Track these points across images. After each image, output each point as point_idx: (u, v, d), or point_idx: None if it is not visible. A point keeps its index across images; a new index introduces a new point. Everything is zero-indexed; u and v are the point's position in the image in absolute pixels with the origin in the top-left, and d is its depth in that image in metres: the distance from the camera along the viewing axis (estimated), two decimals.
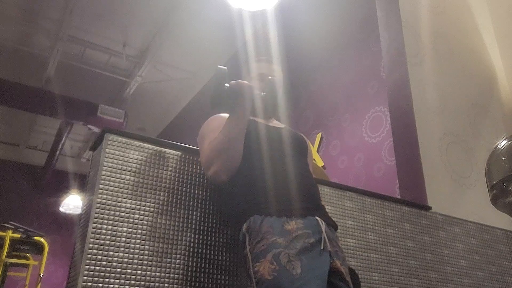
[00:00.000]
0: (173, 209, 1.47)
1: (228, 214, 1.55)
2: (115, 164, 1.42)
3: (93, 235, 1.30)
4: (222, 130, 1.41)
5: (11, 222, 4.37)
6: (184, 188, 1.52)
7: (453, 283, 2.10)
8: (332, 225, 1.40)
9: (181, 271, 1.41)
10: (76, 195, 6.93)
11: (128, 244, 1.35)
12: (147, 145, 1.50)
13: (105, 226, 1.33)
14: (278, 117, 1.76)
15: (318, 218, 1.33)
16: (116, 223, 1.35)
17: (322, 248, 1.25)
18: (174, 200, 1.49)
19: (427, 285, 2.00)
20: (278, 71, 1.69)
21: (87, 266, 1.26)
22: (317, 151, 3.80)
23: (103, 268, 1.29)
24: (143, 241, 1.38)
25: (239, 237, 1.34)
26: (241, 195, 1.39)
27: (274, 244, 1.22)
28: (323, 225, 1.31)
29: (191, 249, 1.45)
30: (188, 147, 1.58)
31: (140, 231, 1.38)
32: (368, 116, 3.38)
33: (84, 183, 1.51)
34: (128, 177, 1.43)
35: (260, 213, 1.30)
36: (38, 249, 4.62)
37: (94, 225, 1.31)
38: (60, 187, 7.31)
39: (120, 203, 1.38)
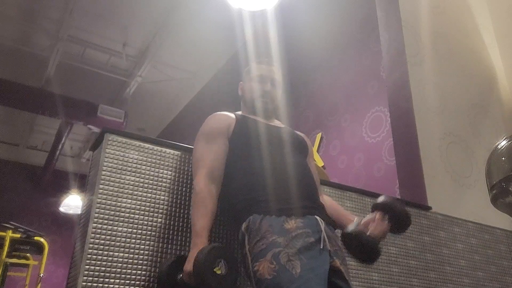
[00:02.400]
0: (173, 209, 1.47)
1: (227, 213, 1.55)
2: (115, 164, 1.42)
3: (93, 235, 1.30)
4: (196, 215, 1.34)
5: (11, 222, 4.37)
6: (184, 188, 1.52)
7: (453, 283, 2.10)
8: (332, 224, 1.40)
9: None
10: (76, 195, 6.93)
11: (128, 244, 1.35)
12: (147, 145, 1.50)
13: (105, 226, 1.33)
14: (279, 117, 1.76)
15: (318, 217, 1.33)
16: (116, 223, 1.35)
17: (321, 247, 1.25)
18: (174, 200, 1.49)
19: (427, 285, 2.00)
20: (278, 73, 1.69)
21: (87, 266, 1.26)
22: (317, 151, 3.80)
23: (103, 268, 1.29)
24: (143, 241, 1.38)
25: (238, 236, 1.34)
26: (240, 195, 1.39)
27: (273, 244, 1.22)
28: (322, 224, 1.31)
29: None
30: (188, 147, 1.58)
31: (140, 231, 1.38)
32: (368, 116, 3.38)
33: (84, 183, 1.51)
34: (128, 177, 1.43)
35: (259, 212, 1.30)
36: (38, 249, 4.62)
37: (94, 225, 1.31)
38: (60, 187, 7.31)
39: (120, 203, 1.38)
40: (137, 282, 1.32)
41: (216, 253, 1.22)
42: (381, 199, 1.41)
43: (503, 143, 1.71)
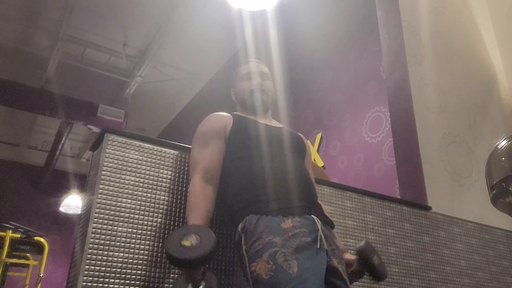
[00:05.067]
0: (173, 209, 1.47)
1: (226, 213, 1.55)
2: (115, 164, 1.42)
3: (93, 235, 1.30)
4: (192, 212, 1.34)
5: (11, 222, 4.37)
6: (183, 188, 1.52)
7: (453, 283, 2.10)
8: (329, 223, 1.40)
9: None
10: (76, 195, 6.93)
11: (128, 244, 1.35)
12: (147, 145, 1.50)
13: (105, 226, 1.33)
14: (277, 116, 1.76)
15: (314, 217, 1.33)
16: (116, 223, 1.35)
17: (318, 247, 1.25)
18: (174, 200, 1.49)
19: (427, 285, 2.00)
20: (265, 67, 1.69)
21: (87, 266, 1.26)
22: (317, 151, 3.80)
23: (103, 268, 1.28)
24: (143, 241, 1.38)
25: (235, 237, 1.34)
26: (237, 195, 1.39)
27: (270, 244, 1.22)
28: (319, 224, 1.31)
29: None
30: (188, 147, 1.58)
31: (140, 231, 1.38)
32: (368, 116, 3.38)
33: (84, 183, 1.51)
34: (128, 177, 1.43)
35: (256, 212, 1.30)
36: (38, 249, 4.62)
37: (94, 225, 1.31)
38: (60, 187, 7.30)
39: (120, 203, 1.38)
40: (137, 282, 1.32)
41: (187, 229, 1.23)
42: (362, 249, 1.43)
43: (503, 143, 1.71)
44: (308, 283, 1.16)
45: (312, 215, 1.33)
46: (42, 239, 4.64)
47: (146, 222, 1.40)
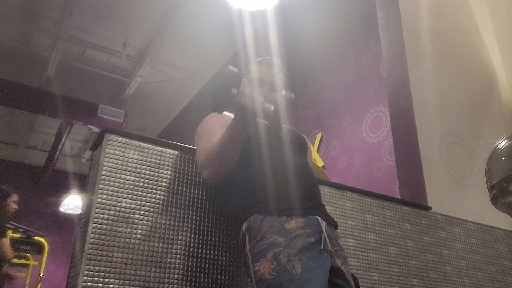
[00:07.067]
0: (173, 209, 1.47)
1: (227, 213, 1.55)
2: (115, 164, 1.42)
3: (93, 235, 1.30)
4: (220, 137, 1.40)
5: (11, 222, 4.37)
6: (183, 188, 1.52)
7: (453, 283, 2.10)
8: (333, 224, 1.40)
9: (181, 271, 1.41)
10: (76, 195, 6.93)
11: (128, 244, 1.35)
12: (147, 145, 1.50)
13: (105, 226, 1.33)
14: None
15: (319, 217, 1.33)
16: (116, 223, 1.35)
17: (322, 247, 1.25)
18: (174, 200, 1.49)
19: (427, 285, 2.00)
20: (279, 73, 1.65)
21: (87, 266, 1.26)
22: (317, 151, 3.80)
23: (103, 268, 1.28)
24: (143, 241, 1.38)
25: (239, 236, 1.34)
26: (241, 195, 1.39)
27: (274, 244, 1.22)
28: (323, 224, 1.31)
29: (191, 249, 1.45)
30: (188, 147, 1.58)
31: (140, 231, 1.38)
32: (368, 116, 3.39)
33: (84, 183, 1.51)
34: (128, 177, 1.43)
35: (260, 212, 1.30)
36: (38, 249, 4.63)
37: (94, 225, 1.31)
38: (60, 187, 7.31)
39: (120, 203, 1.38)
40: (137, 282, 1.32)
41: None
42: None
43: (503, 143, 1.71)
44: (312, 284, 1.16)
45: (317, 216, 1.33)
46: (42, 239, 4.65)
47: (146, 222, 1.40)
